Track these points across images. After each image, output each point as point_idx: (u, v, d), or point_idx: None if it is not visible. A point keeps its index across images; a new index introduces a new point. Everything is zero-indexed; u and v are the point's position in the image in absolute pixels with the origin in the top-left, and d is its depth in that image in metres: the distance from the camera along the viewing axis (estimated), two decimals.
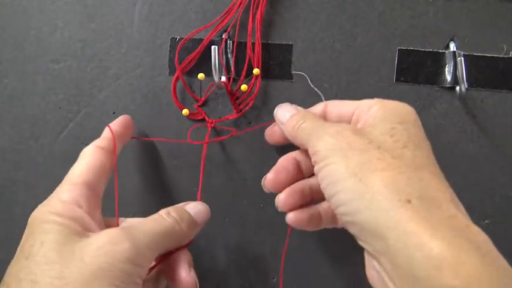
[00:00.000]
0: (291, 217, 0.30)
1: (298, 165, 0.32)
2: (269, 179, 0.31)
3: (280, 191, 0.31)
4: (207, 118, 0.37)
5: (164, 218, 0.28)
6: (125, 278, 0.23)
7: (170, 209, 0.29)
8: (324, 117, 0.31)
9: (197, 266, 0.39)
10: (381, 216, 0.22)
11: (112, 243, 0.24)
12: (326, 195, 0.26)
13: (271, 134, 0.35)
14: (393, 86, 0.37)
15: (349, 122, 0.29)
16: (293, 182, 0.31)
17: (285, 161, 0.32)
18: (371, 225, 0.22)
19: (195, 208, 0.30)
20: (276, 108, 0.33)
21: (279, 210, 0.31)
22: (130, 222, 0.30)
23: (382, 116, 0.26)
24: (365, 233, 0.23)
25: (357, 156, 0.24)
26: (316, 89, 0.37)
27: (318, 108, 0.32)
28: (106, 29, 0.37)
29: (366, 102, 0.28)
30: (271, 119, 0.38)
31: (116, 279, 0.23)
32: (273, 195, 0.39)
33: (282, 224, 0.38)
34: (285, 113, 0.31)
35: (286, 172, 0.31)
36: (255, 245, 0.38)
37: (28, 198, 0.38)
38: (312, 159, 0.27)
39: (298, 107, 0.32)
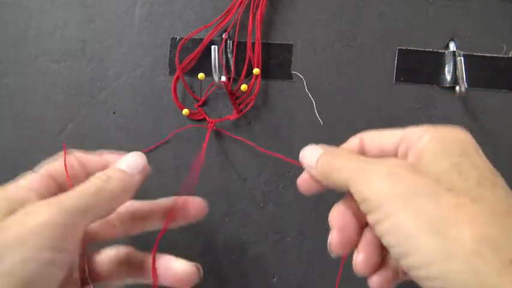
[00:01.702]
0: (375, 282, 0.24)
1: (356, 213, 0.25)
2: (335, 242, 0.25)
3: (350, 251, 0.25)
4: (207, 118, 0.37)
5: (89, 180, 0.25)
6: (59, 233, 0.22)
7: (99, 172, 0.26)
8: (362, 153, 0.26)
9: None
10: (480, 283, 0.17)
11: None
12: (394, 255, 0.21)
13: (304, 183, 0.28)
14: (393, 86, 0.37)
15: (394, 156, 0.24)
16: (360, 235, 0.25)
17: (341, 215, 0.25)
18: None
19: (126, 162, 0.27)
20: (300, 153, 0.27)
21: (359, 275, 0.25)
22: None
23: (440, 147, 0.22)
24: None
25: (426, 203, 0.19)
26: (310, 95, 0.37)
27: (353, 142, 0.26)
28: (106, 28, 0.38)
29: (413, 131, 0.23)
30: (271, 119, 0.38)
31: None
32: (271, 192, 0.39)
33: (282, 224, 0.38)
34: (312, 155, 0.26)
35: (350, 226, 0.25)
36: (255, 245, 0.38)
37: None
38: (361, 207, 0.22)
39: (325, 146, 0.27)
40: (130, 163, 0.27)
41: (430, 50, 0.37)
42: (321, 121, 0.37)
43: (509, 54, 0.37)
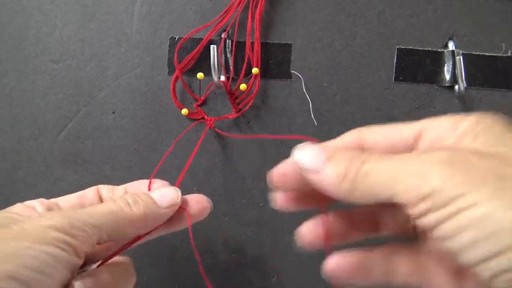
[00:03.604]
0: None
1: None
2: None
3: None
4: (206, 117, 0.37)
5: (113, 200, 0.25)
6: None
7: (128, 194, 0.27)
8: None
9: (197, 265, 0.39)
10: None
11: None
12: (471, 257, 0.16)
13: (288, 183, 0.23)
14: (392, 85, 0.37)
15: (409, 150, 0.21)
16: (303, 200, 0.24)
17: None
18: None
19: (160, 192, 0.27)
20: (294, 153, 0.21)
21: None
22: None
23: (486, 130, 0.19)
24: None
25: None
26: (307, 95, 0.37)
27: (348, 139, 0.22)
28: (105, 28, 0.38)
29: (440, 121, 0.20)
30: (270, 118, 0.38)
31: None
32: (271, 191, 0.39)
33: (281, 223, 0.38)
34: (317, 156, 0.20)
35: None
36: (255, 244, 0.39)
37: (28, 198, 0.38)
38: (418, 208, 0.17)
39: (327, 144, 0.22)
40: (164, 195, 0.27)
41: (429, 49, 0.37)
42: (315, 122, 0.37)
43: (508, 53, 0.37)
